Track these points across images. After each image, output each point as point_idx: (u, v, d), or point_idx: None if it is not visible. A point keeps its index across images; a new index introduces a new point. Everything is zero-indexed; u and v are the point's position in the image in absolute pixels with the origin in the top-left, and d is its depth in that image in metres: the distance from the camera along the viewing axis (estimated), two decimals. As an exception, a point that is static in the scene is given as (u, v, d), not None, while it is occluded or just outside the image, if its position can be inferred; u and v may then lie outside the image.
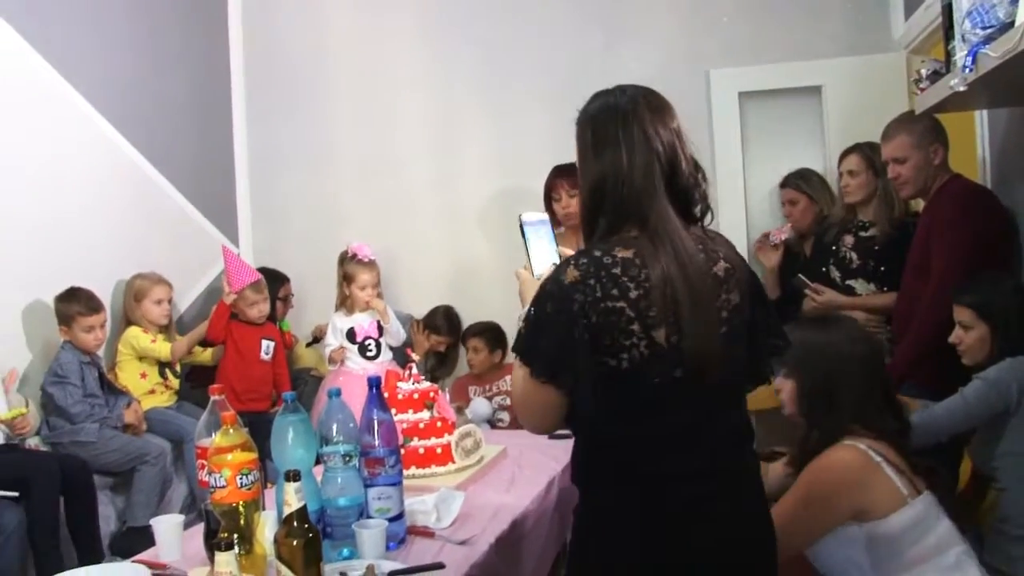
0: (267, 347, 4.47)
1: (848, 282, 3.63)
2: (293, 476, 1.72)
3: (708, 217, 1.72)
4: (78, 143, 4.25)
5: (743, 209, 4.64)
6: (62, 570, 2.97)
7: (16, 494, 3.20)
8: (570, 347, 1.57)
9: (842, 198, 3.79)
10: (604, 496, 1.67)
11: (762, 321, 1.75)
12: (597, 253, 1.61)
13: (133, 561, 2.15)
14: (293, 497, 1.71)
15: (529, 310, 1.64)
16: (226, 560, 1.51)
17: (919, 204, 3.53)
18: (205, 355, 4.53)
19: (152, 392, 4.24)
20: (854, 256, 3.63)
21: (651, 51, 4.69)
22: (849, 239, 3.68)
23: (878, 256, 3.57)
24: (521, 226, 1.84)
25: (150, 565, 2.08)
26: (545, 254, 1.83)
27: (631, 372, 1.58)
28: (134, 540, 3.44)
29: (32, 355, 4.04)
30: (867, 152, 3.61)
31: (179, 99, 4.89)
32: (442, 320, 4.83)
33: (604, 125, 1.67)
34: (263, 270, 4.86)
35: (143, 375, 4.22)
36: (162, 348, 4.22)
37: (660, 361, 1.59)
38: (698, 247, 1.65)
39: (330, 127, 5.21)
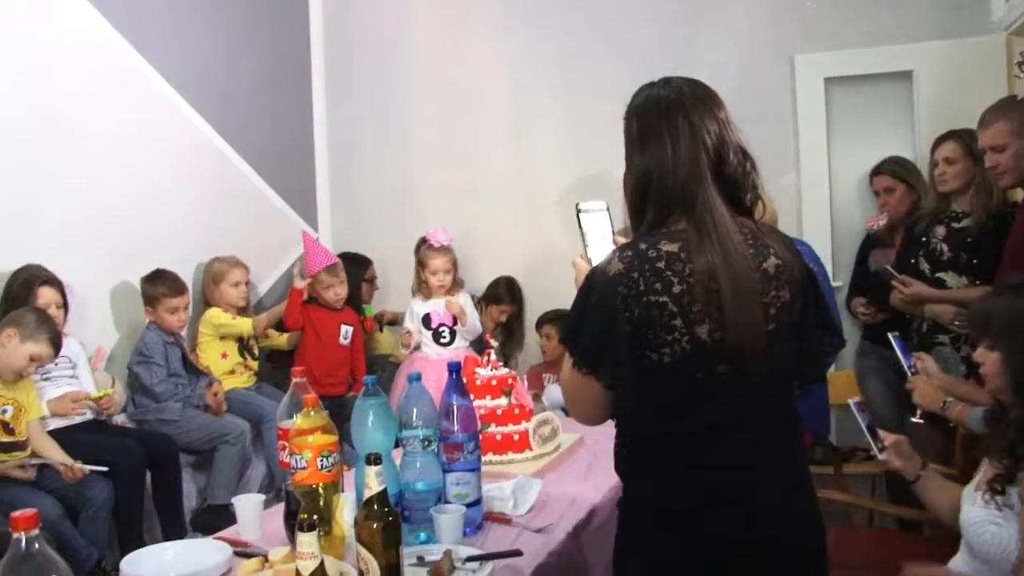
0: (346, 332, 4.51)
1: (938, 274, 3.50)
2: (374, 459, 1.72)
3: (759, 209, 1.68)
4: (162, 128, 4.35)
5: (827, 199, 4.52)
6: (144, 544, 3.12)
7: (106, 469, 3.29)
8: (611, 340, 1.55)
9: (934, 187, 3.65)
10: (645, 488, 1.65)
11: (815, 320, 1.70)
12: (643, 246, 1.58)
13: (215, 538, 2.19)
14: (374, 480, 1.71)
15: (576, 300, 1.63)
16: (308, 541, 1.51)
17: (1016, 194, 3.39)
18: (281, 340, 4.59)
19: (232, 372, 4.31)
20: (945, 248, 3.50)
21: (732, 37, 4.60)
22: (940, 230, 3.54)
23: (971, 248, 3.43)
24: (578, 214, 1.82)
25: (232, 543, 2.11)
26: (602, 243, 1.80)
27: (672, 367, 1.56)
28: (214, 517, 3.51)
29: (119, 335, 4.16)
30: (965, 139, 3.46)
31: (259, 83, 4.96)
32: (504, 290, 4.85)
33: (649, 117, 1.65)
34: (345, 254, 4.92)
35: (223, 355, 4.30)
36: (243, 323, 4.28)
37: (702, 357, 1.55)
38: (747, 241, 1.61)
39: (409, 111, 5.23)
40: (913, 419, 2.81)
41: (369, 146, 5.35)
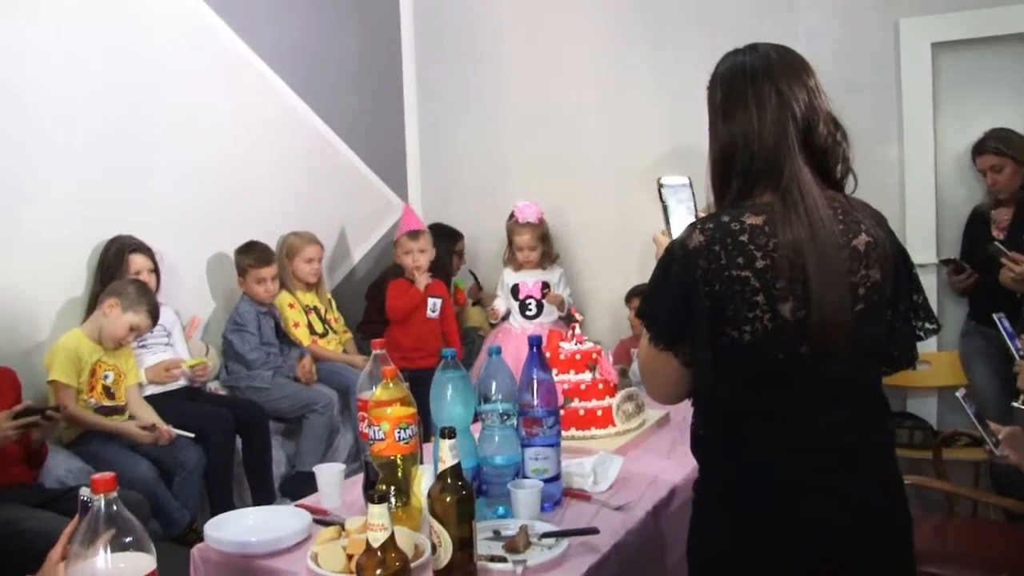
0: (433, 304, 4.53)
1: (1052, 252, 3.31)
2: (448, 433, 1.70)
3: (851, 182, 1.60)
4: (256, 103, 4.43)
5: (932, 172, 4.31)
6: (234, 507, 3.20)
7: (193, 435, 3.39)
8: (690, 315, 1.49)
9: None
10: (722, 471, 1.59)
11: (909, 302, 1.61)
12: (725, 219, 1.51)
13: (296, 506, 2.22)
14: (448, 454, 1.70)
15: (654, 273, 1.58)
16: (379, 513, 1.50)
17: None
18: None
19: (323, 335, 4.39)
20: (1060, 224, 3.31)
21: (831, 1, 4.40)
22: (1055, 205, 3.34)
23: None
24: (660, 188, 1.77)
25: (311, 510, 2.14)
26: (684, 218, 1.74)
27: (753, 346, 1.49)
28: (302, 484, 3.57)
29: (215, 304, 4.28)
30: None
31: (351, 57, 4.99)
32: None
33: (733, 85, 1.58)
34: (436, 225, 4.94)
35: (308, 326, 4.35)
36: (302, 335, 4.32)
37: (784, 336, 1.48)
38: (837, 216, 1.53)
39: (499, 84, 5.20)
40: (1015, 404, 2.67)
41: (459, 119, 5.33)
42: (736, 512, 1.56)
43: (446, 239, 4.90)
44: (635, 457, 2.47)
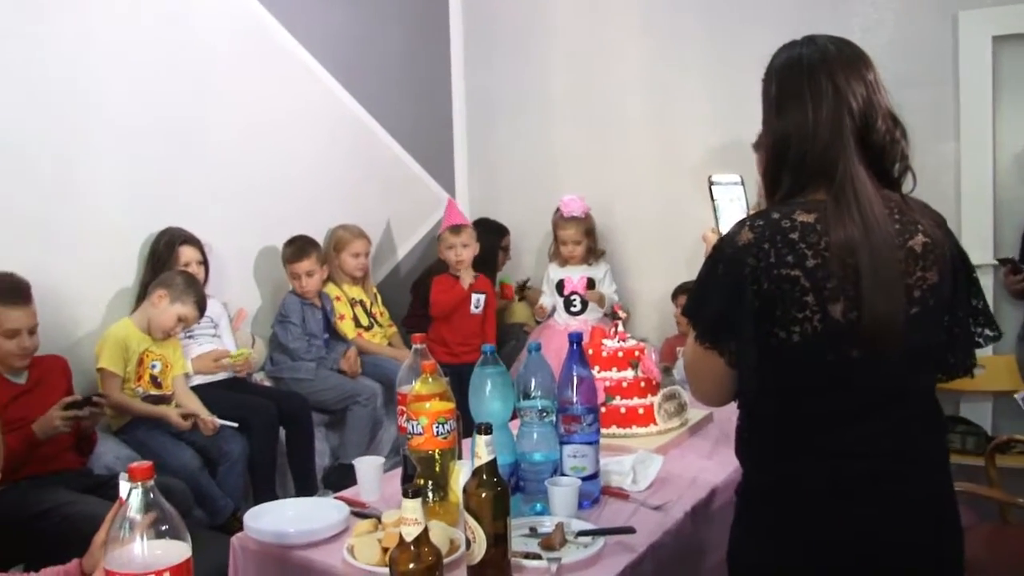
0: (477, 300, 4.53)
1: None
2: (484, 429, 1.69)
3: (909, 181, 1.54)
4: (305, 98, 4.48)
5: (990, 170, 4.20)
6: (277, 497, 3.23)
7: (236, 424, 3.43)
8: (736, 313, 1.46)
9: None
10: (766, 475, 1.55)
11: (968, 307, 1.56)
12: (775, 215, 1.47)
13: (335, 498, 2.23)
14: (483, 450, 1.69)
15: (701, 270, 1.54)
16: (412, 507, 1.50)
17: None
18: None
19: (368, 329, 4.42)
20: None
21: (887, -7, 4.30)
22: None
23: None
24: (711, 186, 1.73)
25: (350, 503, 2.15)
26: (735, 216, 1.70)
27: (801, 347, 1.44)
28: (345, 476, 3.59)
29: (264, 297, 4.34)
30: None
31: (398, 52, 5.01)
32: None
33: (789, 78, 1.53)
34: (483, 220, 4.94)
35: (353, 319, 4.38)
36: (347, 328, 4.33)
37: (835, 338, 1.43)
38: (893, 216, 1.48)
39: (547, 78, 5.18)
40: None
41: (507, 114, 5.32)
42: (780, 518, 1.51)
43: (492, 234, 4.90)
44: (676, 457, 2.44)
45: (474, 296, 4.51)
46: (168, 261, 3.58)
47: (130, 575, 1.33)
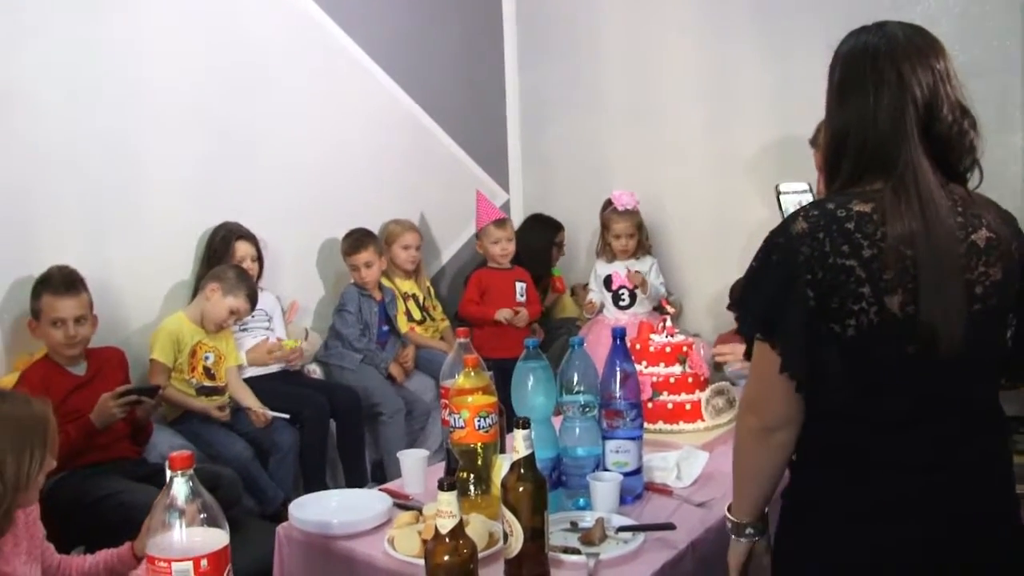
0: (521, 289, 4.51)
1: None
2: (523, 424, 1.69)
3: (975, 176, 1.48)
4: (359, 94, 4.51)
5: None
6: (326, 488, 3.29)
7: (288, 416, 3.49)
8: (788, 302, 1.41)
9: None
10: (810, 478, 1.50)
11: None
12: (831, 205, 1.43)
13: (380, 489, 2.26)
14: (521, 444, 1.69)
15: (752, 262, 1.50)
16: (447, 500, 1.51)
17: None
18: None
19: (421, 322, 4.46)
20: None
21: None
22: None
23: None
24: (778, 195, 1.70)
25: (393, 495, 2.18)
26: None
27: (856, 341, 1.39)
28: (394, 469, 3.63)
29: (326, 290, 4.40)
30: None
31: (452, 48, 5.02)
32: None
33: (853, 66, 1.48)
34: (537, 216, 4.94)
35: (406, 312, 4.42)
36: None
37: (891, 333, 1.38)
38: (955, 209, 1.42)
39: (600, 73, 5.14)
40: None
41: (560, 109, 5.30)
42: (823, 532, 1.47)
43: (547, 229, 4.89)
44: (722, 453, 2.38)
45: (517, 285, 4.51)
46: (224, 256, 3.65)
47: (169, 560, 1.36)
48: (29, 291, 3.08)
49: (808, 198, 1.71)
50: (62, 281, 3.02)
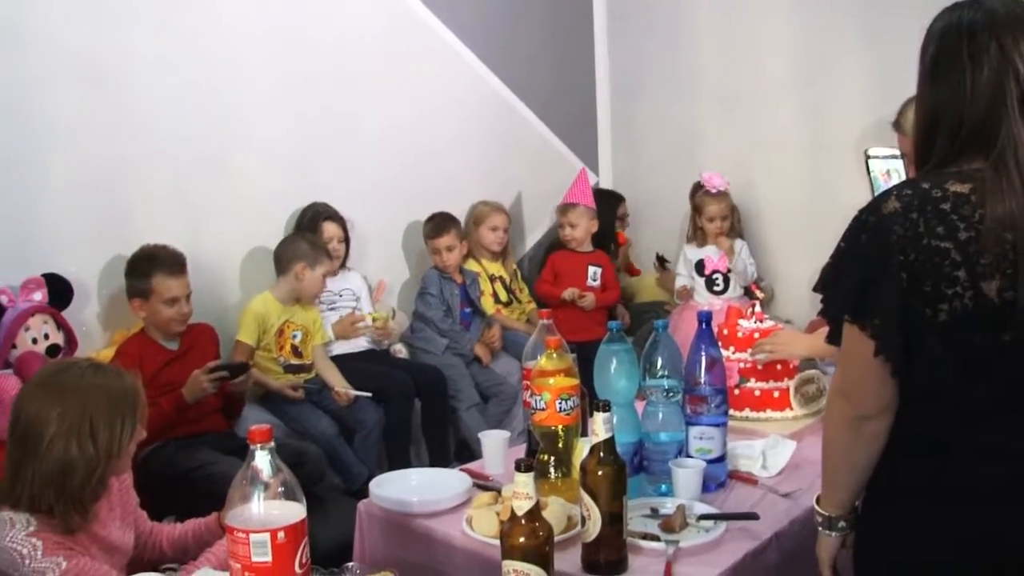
0: (594, 273, 4.46)
1: None
2: (602, 407, 1.67)
3: None
4: (447, 76, 4.52)
5: None
6: (410, 466, 3.32)
7: (371, 394, 3.52)
8: (879, 284, 1.35)
9: None
10: (892, 465, 1.43)
11: None
12: (925, 185, 1.36)
13: (460, 470, 2.26)
14: (601, 427, 1.66)
15: (839, 243, 1.43)
16: (524, 481, 1.49)
17: None
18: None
19: (507, 304, 4.46)
20: None
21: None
22: None
23: None
24: (867, 160, 1.62)
25: (473, 475, 2.18)
26: None
27: (949, 327, 1.32)
28: (478, 449, 3.64)
29: (410, 271, 4.44)
30: None
31: (541, 28, 4.98)
32: None
33: (947, 42, 1.41)
34: (597, 190, 4.87)
35: (492, 294, 4.42)
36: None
37: (986, 318, 1.31)
38: None
39: (691, 53, 5.03)
40: None
41: (650, 89, 5.22)
42: (910, 521, 1.41)
43: (607, 202, 4.81)
44: (811, 443, 2.31)
45: (590, 269, 4.45)
46: (312, 235, 3.70)
47: (247, 531, 1.38)
48: (124, 268, 3.18)
49: (897, 164, 1.63)
50: (174, 261, 3.14)
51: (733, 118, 4.87)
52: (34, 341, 2.97)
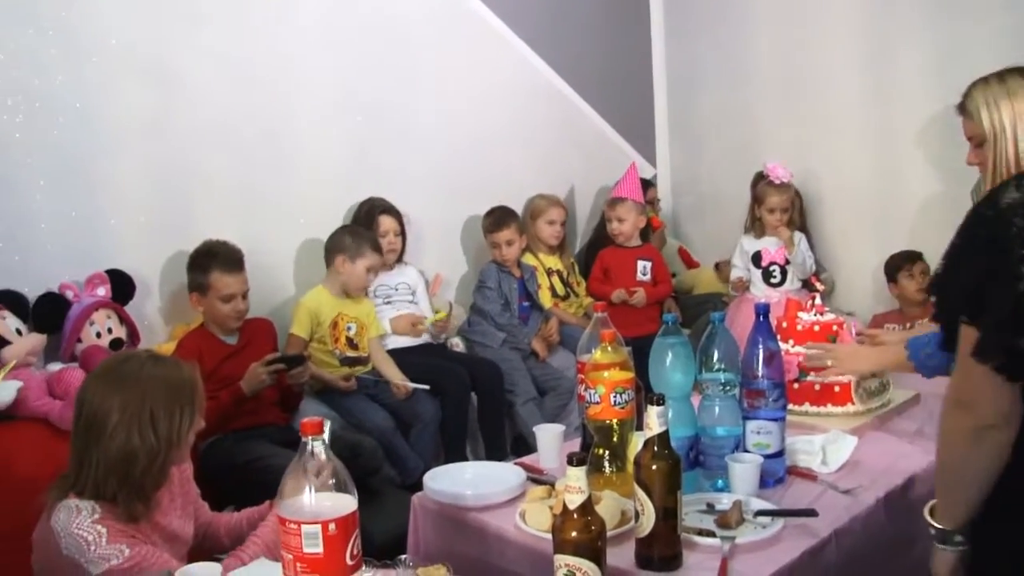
0: (643, 267, 4.41)
1: None
2: (657, 400, 1.64)
3: None
4: (502, 69, 4.52)
5: None
6: (466, 460, 3.32)
7: (428, 388, 3.53)
8: (999, 280, 1.27)
9: None
10: (1014, 479, 1.34)
11: None
12: None
13: (515, 463, 2.26)
14: (655, 421, 1.64)
15: (953, 239, 1.36)
16: (576, 475, 1.48)
17: None
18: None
19: (564, 298, 4.43)
20: None
21: None
22: None
23: None
24: None
25: (528, 469, 2.17)
26: None
27: None
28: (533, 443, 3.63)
29: (468, 265, 4.46)
30: None
31: (597, 20, 4.95)
32: None
33: None
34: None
35: (549, 288, 4.40)
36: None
37: None
38: None
39: (750, 41, 4.95)
40: None
41: (708, 79, 5.15)
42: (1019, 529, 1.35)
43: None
44: (873, 439, 2.28)
45: (639, 263, 4.40)
46: (368, 229, 3.72)
47: (299, 522, 1.39)
48: (185, 264, 3.23)
49: None
50: (231, 257, 3.18)
51: (794, 105, 4.79)
52: (98, 335, 3.04)
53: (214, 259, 3.16)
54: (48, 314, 3.03)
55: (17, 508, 1.94)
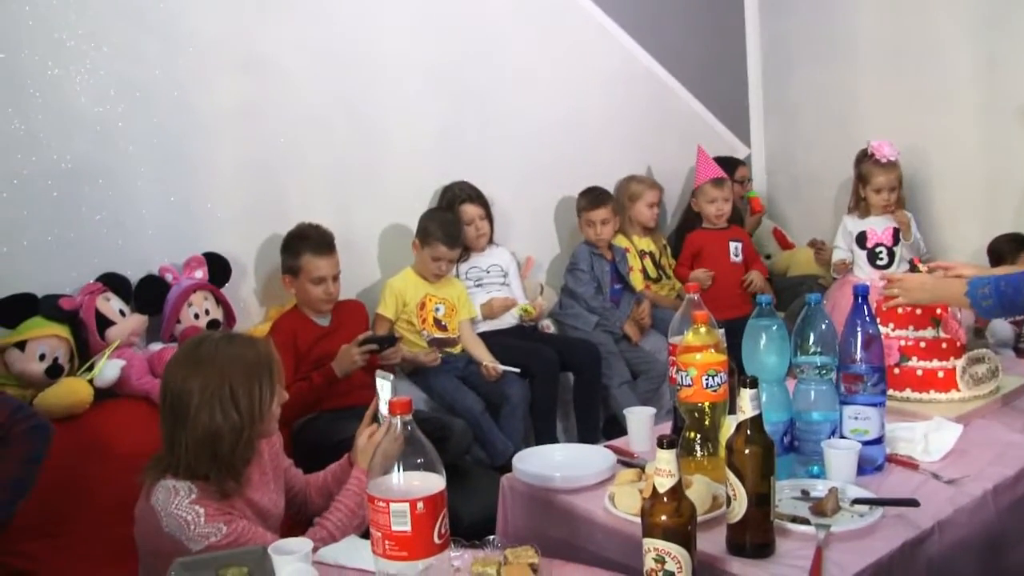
0: (735, 248, 4.34)
1: None
2: (749, 383, 1.60)
3: None
4: (593, 51, 4.48)
5: None
6: (557, 442, 3.31)
7: (518, 370, 3.53)
8: None
9: None
10: None
11: None
12: None
13: (605, 446, 2.24)
14: (747, 404, 1.60)
15: None
16: (666, 459, 1.45)
17: None
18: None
19: (656, 280, 4.40)
20: None
21: None
22: None
23: None
24: None
25: (618, 451, 2.15)
26: None
27: None
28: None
29: (560, 247, 4.46)
30: None
31: (691, 2, 4.87)
32: None
33: None
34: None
35: (642, 270, 4.35)
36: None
37: None
38: None
39: (850, 14, 4.78)
40: None
41: (804, 57, 4.99)
42: None
43: (726, 167, 4.62)
44: (979, 427, 2.18)
45: (731, 244, 4.34)
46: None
47: (388, 500, 1.40)
48: (279, 248, 3.30)
49: None
50: (323, 241, 3.23)
51: (896, 80, 4.60)
52: (196, 317, 3.12)
53: (305, 242, 3.21)
54: (149, 296, 3.12)
55: (121, 482, 2.01)
